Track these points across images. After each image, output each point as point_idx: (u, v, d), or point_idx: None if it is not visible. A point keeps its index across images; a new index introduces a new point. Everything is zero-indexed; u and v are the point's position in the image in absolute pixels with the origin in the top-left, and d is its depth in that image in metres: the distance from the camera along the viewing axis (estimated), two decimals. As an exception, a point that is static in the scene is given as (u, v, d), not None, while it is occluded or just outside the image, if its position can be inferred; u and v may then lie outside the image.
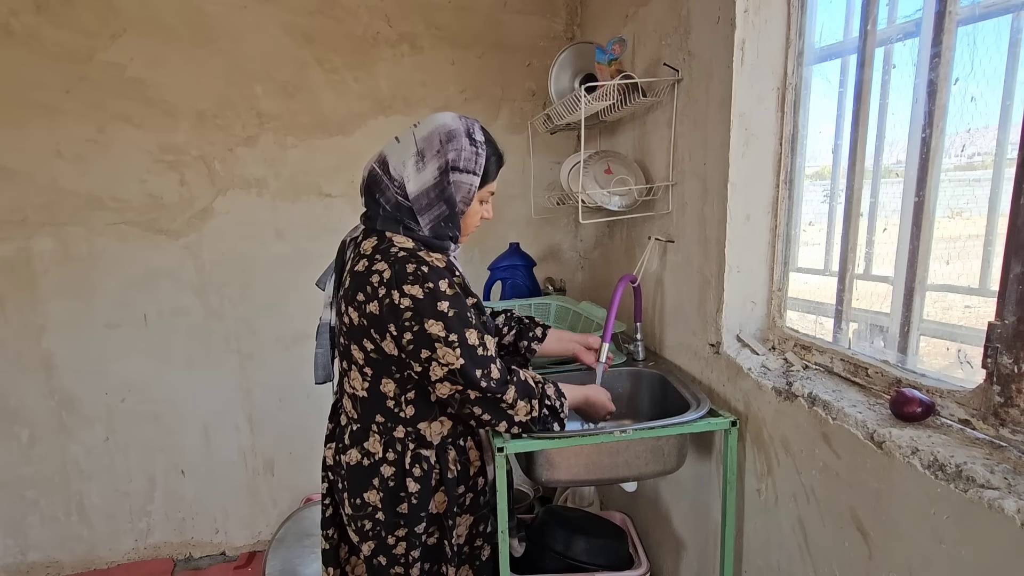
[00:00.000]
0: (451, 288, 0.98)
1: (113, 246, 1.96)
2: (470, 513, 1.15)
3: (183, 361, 2.07)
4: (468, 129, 1.04)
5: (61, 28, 1.81)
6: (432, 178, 1.02)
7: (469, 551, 1.17)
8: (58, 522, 2.10)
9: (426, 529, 1.09)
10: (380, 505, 1.07)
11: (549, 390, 1.07)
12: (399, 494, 1.07)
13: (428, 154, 1.02)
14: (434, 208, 1.03)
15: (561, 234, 2.26)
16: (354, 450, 1.09)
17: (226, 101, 1.94)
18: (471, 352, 0.97)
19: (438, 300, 0.96)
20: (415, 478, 1.06)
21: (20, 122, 1.84)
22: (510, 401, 1.01)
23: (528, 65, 2.10)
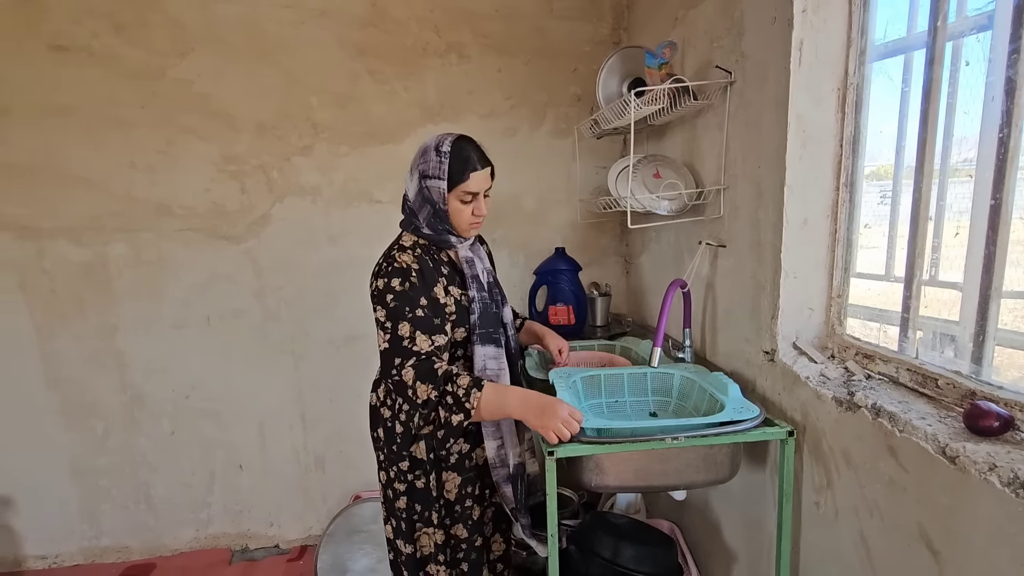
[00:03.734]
0: (401, 285, 1.19)
1: (180, 251, 2.08)
2: (456, 472, 1.31)
3: (242, 361, 2.18)
4: (437, 144, 1.24)
5: (136, 48, 1.94)
6: (416, 186, 1.26)
7: (460, 510, 1.32)
8: (128, 510, 2.24)
9: (411, 470, 1.29)
10: (383, 441, 1.32)
11: (461, 381, 1.13)
12: (392, 435, 1.29)
13: (413, 167, 1.27)
14: (424, 209, 1.25)
15: (606, 238, 2.25)
16: (373, 393, 1.38)
17: (284, 113, 2.03)
18: (397, 341, 1.17)
19: (387, 293, 1.19)
20: (400, 422, 1.28)
21: (99, 136, 1.98)
22: (408, 382, 1.14)
23: (574, 70, 2.11)
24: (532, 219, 2.20)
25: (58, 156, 1.98)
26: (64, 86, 1.93)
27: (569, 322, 1.99)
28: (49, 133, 1.96)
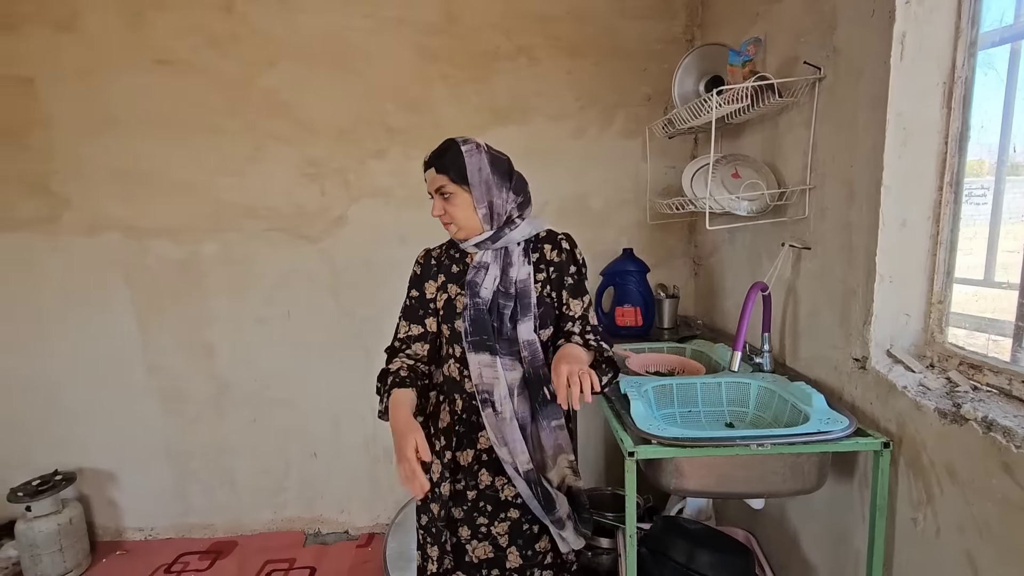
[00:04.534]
0: (411, 275, 1.32)
1: (264, 250, 2.21)
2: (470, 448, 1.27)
3: (318, 354, 2.29)
4: None
5: (229, 60, 2.08)
6: None
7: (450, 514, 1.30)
8: (213, 491, 2.40)
9: (435, 435, 1.29)
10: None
11: (389, 379, 1.19)
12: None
13: None
14: None
15: (674, 240, 2.22)
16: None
17: (361, 118, 2.12)
18: (394, 333, 1.30)
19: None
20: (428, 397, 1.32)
21: (195, 143, 2.13)
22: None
23: (644, 70, 2.09)
24: (598, 220, 2.20)
25: (160, 162, 2.15)
26: (166, 97, 2.10)
27: (636, 323, 1.98)
28: (152, 141, 2.13)
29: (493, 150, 1.28)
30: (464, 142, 1.24)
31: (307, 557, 2.29)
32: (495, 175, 1.24)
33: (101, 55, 2.07)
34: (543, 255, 1.28)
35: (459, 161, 1.22)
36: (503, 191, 1.25)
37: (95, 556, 2.33)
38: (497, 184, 1.24)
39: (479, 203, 1.23)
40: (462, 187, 1.22)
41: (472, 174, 1.22)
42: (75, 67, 2.07)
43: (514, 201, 1.27)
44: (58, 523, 2.17)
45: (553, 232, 1.31)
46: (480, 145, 1.26)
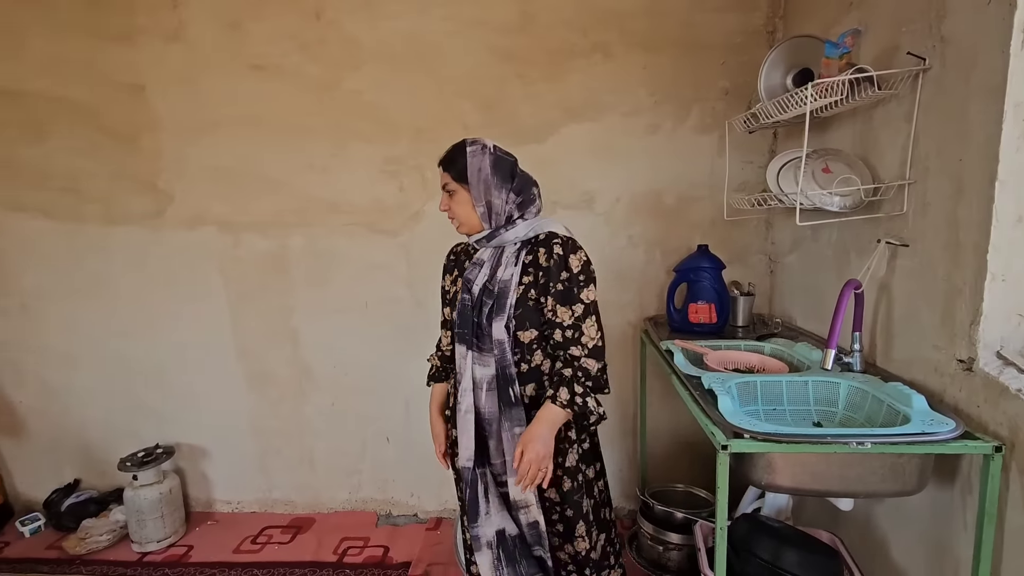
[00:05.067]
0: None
1: (345, 243, 2.33)
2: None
3: (393, 343, 2.39)
4: None
5: (317, 64, 2.20)
6: None
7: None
8: (294, 469, 2.56)
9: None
10: None
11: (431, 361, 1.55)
12: None
13: None
14: None
15: (749, 236, 2.18)
16: None
17: (438, 117, 2.20)
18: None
19: None
20: None
21: (285, 142, 2.27)
22: None
23: (722, 64, 2.06)
24: (670, 216, 2.19)
25: (252, 161, 2.30)
26: (259, 100, 2.25)
27: (711, 320, 1.96)
28: (247, 141, 2.29)
29: (499, 151, 1.34)
30: (472, 143, 1.32)
31: (380, 537, 2.41)
32: (495, 176, 1.30)
33: (203, 63, 2.23)
34: (536, 258, 1.30)
35: (461, 161, 1.32)
36: (503, 192, 1.31)
37: (189, 524, 2.53)
38: (497, 185, 1.31)
39: (477, 202, 1.31)
40: (462, 185, 1.32)
41: (472, 174, 1.30)
42: (181, 74, 2.25)
43: (514, 202, 1.33)
44: (160, 492, 2.37)
45: (553, 235, 1.32)
46: (486, 147, 1.32)
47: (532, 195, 1.36)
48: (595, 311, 1.30)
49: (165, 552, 2.35)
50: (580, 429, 1.38)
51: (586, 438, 1.43)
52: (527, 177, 1.37)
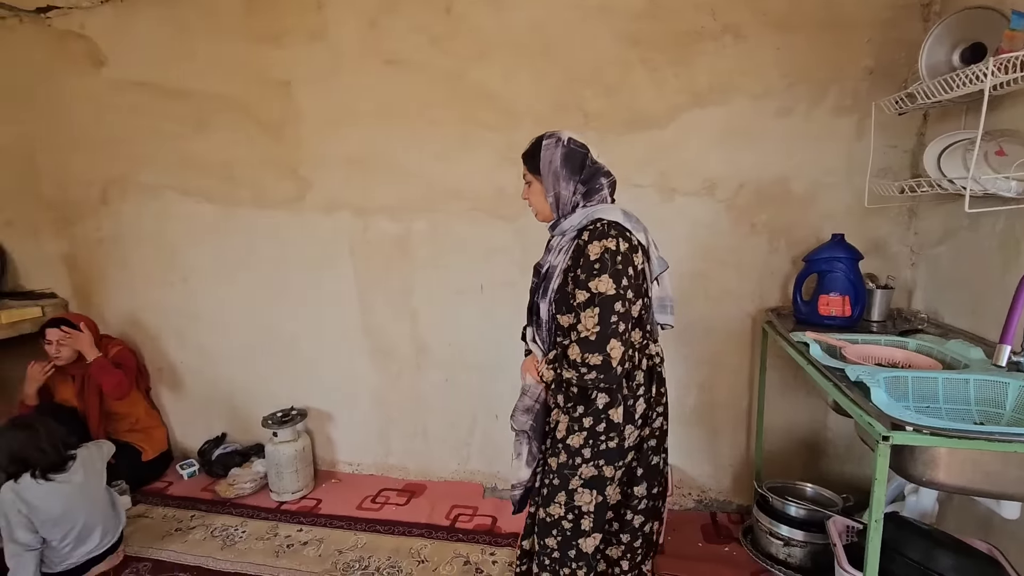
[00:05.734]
0: None
1: (465, 228, 2.45)
2: None
3: (505, 325, 2.47)
4: None
5: (446, 56, 2.32)
6: None
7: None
8: (408, 438, 2.75)
9: None
10: None
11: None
12: None
13: None
14: None
15: (889, 225, 2.04)
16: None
17: (559, 104, 2.24)
18: None
19: None
20: None
21: (413, 133, 2.42)
22: None
23: (867, 41, 1.93)
24: (799, 204, 2.10)
25: (383, 150, 2.47)
26: (391, 93, 2.40)
27: (844, 314, 1.87)
28: (378, 132, 2.46)
29: (573, 144, 1.38)
30: (548, 136, 1.40)
31: (487, 507, 2.53)
32: (565, 168, 1.37)
33: (342, 58, 2.42)
34: (579, 245, 1.33)
35: (536, 153, 1.41)
36: (570, 183, 1.37)
37: (317, 480, 2.80)
38: (565, 176, 1.37)
39: (548, 192, 1.40)
40: (536, 177, 1.42)
41: (544, 166, 1.39)
42: (322, 70, 2.46)
43: (580, 192, 1.38)
44: (295, 449, 2.64)
45: (596, 223, 1.33)
46: (560, 139, 1.38)
47: (598, 185, 1.40)
48: (601, 303, 1.25)
49: (298, 503, 2.62)
50: (589, 413, 1.36)
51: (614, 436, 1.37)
52: (596, 168, 1.40)
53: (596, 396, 1.34)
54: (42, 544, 1.91)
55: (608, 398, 1.34)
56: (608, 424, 1.35)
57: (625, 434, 1.37)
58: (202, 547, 2.29)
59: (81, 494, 1.99)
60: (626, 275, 1.27)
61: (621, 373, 1.30)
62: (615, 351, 1.25)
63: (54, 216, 2.99)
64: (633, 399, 1.38)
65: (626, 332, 1.28)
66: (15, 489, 1.88)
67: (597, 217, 1.34)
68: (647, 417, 1.43)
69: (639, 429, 1.41)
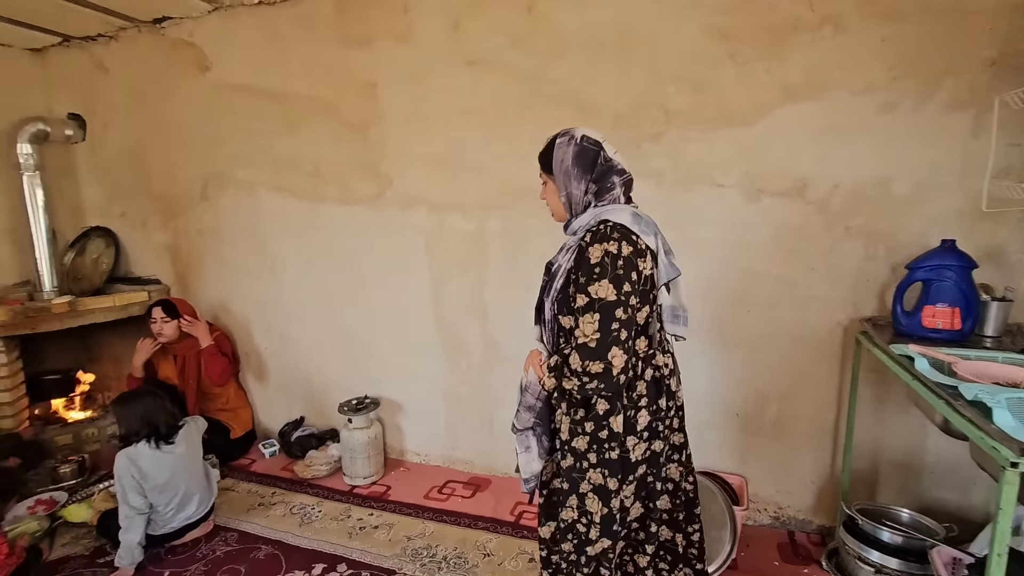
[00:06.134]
0: None
1: (537, 226, 2.45)
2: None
3: (576, 325, 2.48)
4: None
5: (525, 55, 2.33)
6: None
7: None
8: (476, 432, 2.79)
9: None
10: None
11: None
12: None
13: None
14: None
15: (1008, 231, 1.85)
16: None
17: (639, 102, 2.20)
18: None
19: None
20: None
21: (489, 132, 2.45)
22: None
23: (989, 29, 1.76)
24: (902, 206, 1.95)
25: (460, 149, 2.52)
26: (471, 93, 2.45)
27: (953, 327, 1.72)
28: (456, 131, 2.51)
29: (586, 141, 1.34)
30: (561, 135, 1.38)
31: (552, 507, 2.53)
32: (576, 167, 1.33)
33: (426, 60, 2.49)
34: (581, 248, 1.28)
35: (549, 152, 1.39)
36: (582, 182, 1.34)
37: (386, 468, 2.89)
38: (576, 175, 1.34)
39: (560, 191, 1.38)
40: (550, 176, 1.40)
41: (556, 164, 1.36)
42: (406, 72, 2.54)
43: (592, 191, 1.34)
44: (368, 436, 2.75)
45: (601, 225, 1.28)
46: (573, 138, 1.35)
47: (609, 184, 1.34)
48: (601, 309, 1.19)
49: (369, 488, 2.73)
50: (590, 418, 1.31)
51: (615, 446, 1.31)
52: (609, 166, 1.35)
53: (596, 402, 1.29)
54: (149, 509, 2.09)
55: (608, 405, 1.29)
56: (610, 432, 1.30)
57: (628, 446, 1.31)
58: (282, 523, 2.43)
59: (183, 464, 2.17)
60: (628, 280, 1.21)
61: (624, 382, 1.25)
62: (617, 359, 1.19)
63: (161, 209, 3.27)
64: (634, 410, 1.31)
65: (629, 340, 1.22)
66: (129, 455, 2.08)
67: (604, 218, 1.29)
68: (654, 430, 1.34)
69: (646, 443, 1.33)
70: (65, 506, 2.42)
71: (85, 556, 2.19)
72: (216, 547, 2.24)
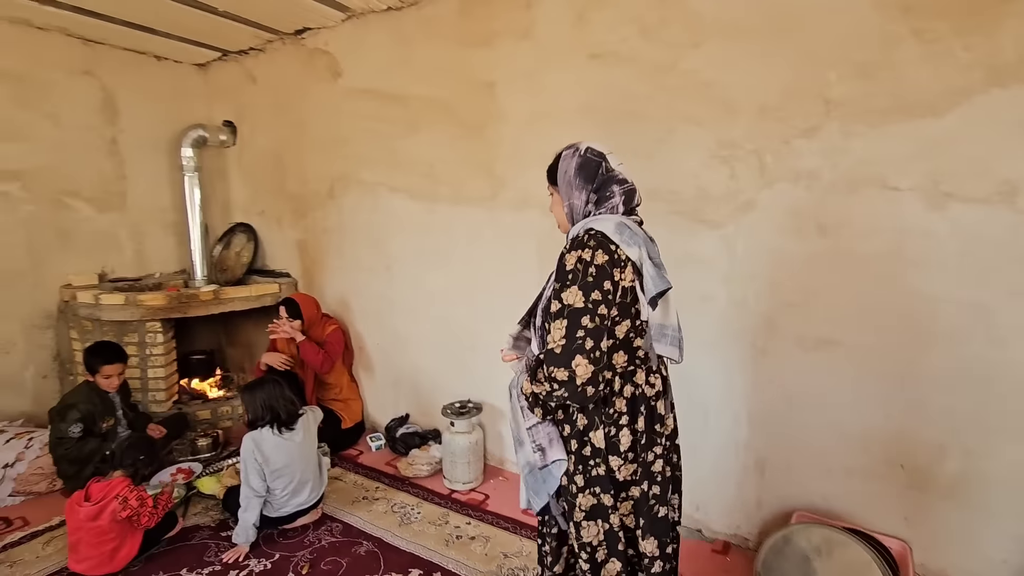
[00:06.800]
0: None
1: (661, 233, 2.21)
2: None
3: (699, 343, 2.21)
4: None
5: (654, 46, 2.14)
6: None
7: None
8: (579, 450, 2.62)
9: None
10: None
11: None
12: None
13: None
14: None
15: None
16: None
17: (790, 92, 1.91)
18: None
19: None
20: None
21: (610, 129, 2.28)
22: None
23: None
24: None
25: (578, 147, 2.38)
26: (591, 89, 2.30)
27: None
28: (574, 129, 2.34)
29: (590, 152, 1.35)
30: (568, 147, 1.39)
31: (660, 542, 2.29)
32: (578, 177, 1.34)
33: (546, 57, 2.39)
34: (561, 255, 1.28)
35: (554, 165, 1.41)
36: (583, 192, 1.34)
37: (485, 475, 2.83)
38: (579, 186, 1.34)
39: (564, 202, 1.39)
40: (555, 188, 1.42)
41: (560, 176, 1.39)
42: (526, 69, 2.46)
43: (592, 202, 1.34)
44: (469, 441, 2.70)
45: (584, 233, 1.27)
46: (578, 150, 1.36)
47: (609, 193, 1.33)
48: (569, 315, 1.19)
49: (467, 494, 2.67)
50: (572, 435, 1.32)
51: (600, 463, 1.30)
52: (610, 176, 1.35)
53: (576, 416, 1.30)
54: (267, 493, 2.20)
55: (587, 419, 1.29)
56: (592, 449, 1.29)
57: (612, 464, 1.29)
58: (383, 520, 2.45)
59: (299, 452, 2.26)
60: (599, 288, 1.19)
61: (591, 394, 1.19)
62: (580, 368, 1.16)
63: (293, 208, 3.51)
64: (614, 428, 1.28)
65: (595, 350, 1.17)
66: (255, 438, 2.21)
67: (589, 227, 1.28)
68: (636, 453, 1.30)
69: (632, 464, 1.30)
70: (199, 477, 2.65)
71: (211, 527, 2.36)
72: (322, 536, 2.30)
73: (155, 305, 3.04)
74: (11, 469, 2.52)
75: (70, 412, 2.49)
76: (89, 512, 2.01)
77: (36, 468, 2.55)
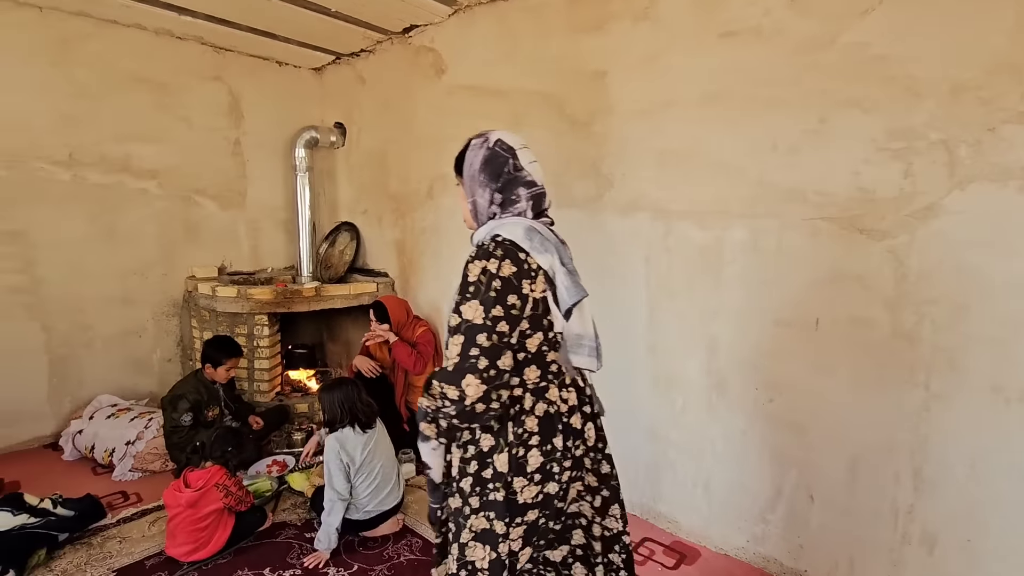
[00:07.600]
0: None
1: (802, 242, 1.87)
2: None
3: (848, 379, 1.81)
4: None
5: (808, 18, 1.78)
6: None
7: None
8: (685, 488, 2.29)
9: None
10: None
11: None
12: None
13: None
14: None
15: None
16: None
17: (1002, 65, 1.47)
18: None
19: None
20: None
21: (744, 120, 1.95)
22: None
23: None
24: None
25: (701, 142, 2.07)
26: (722, 73, 1.98)
27: None
28: (697, 121, 2.07)
29: (499, 145, 1.24)
30: (477, 137, 1.26)
31: (785, 613, 1.90)
32: (482, 173, 1.24)
33: (668, 38, 2.11)
34: (465, 264, 1.20)
35: (462, 153, 1.28)
36: (487, 190, 1.24)
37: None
38: (483, 182, 1.24)
39: (467, 197, 1.29)
40: (460, 179, 1.30)
41: (465, 168, 1.27)
42: (642, 55, 2.19)
43: (497, 202, 1.25)
44: (559, 464, 2.46)
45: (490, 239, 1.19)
46: (488, 140, 1.24)
47: (514, 196, 1.24)
48: (466, 331, 1.12)
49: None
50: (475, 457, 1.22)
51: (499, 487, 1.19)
52: (516, 176, 1.24)
53: (480, 437, 1.21)
54: (350, 495, 2.14)
55: (492, 441, 1.20)
56: (494, 472, 1.20)
57: (515, 487, 1.19)
58: (465, 540, 2.29)
59: (379, 448, 2.22)
60: (502, 304, 1.13)
61: (481, 412, 1.13)
62: (470, 388, 1.10)
63: (394, 207, 3.51)
64: (523, 448, 1.20)
65: (490, 369, 1.11)
66: (338, 439, 2.16)
67: (496, 232, 1.20)
68: (547, 472, 1.21)
69: (537, 485, 1.20)
70: (292, 472, 2.67)
71: (298, 526, 2.34)
72: (401, 551, 2.19)
73: (263, 299, 3.16)
74: (132, 447, 2.70)
75: (180, 402, 2.62)
76: (190, 498, 2.06)
77: (152, 448, 2.71)
